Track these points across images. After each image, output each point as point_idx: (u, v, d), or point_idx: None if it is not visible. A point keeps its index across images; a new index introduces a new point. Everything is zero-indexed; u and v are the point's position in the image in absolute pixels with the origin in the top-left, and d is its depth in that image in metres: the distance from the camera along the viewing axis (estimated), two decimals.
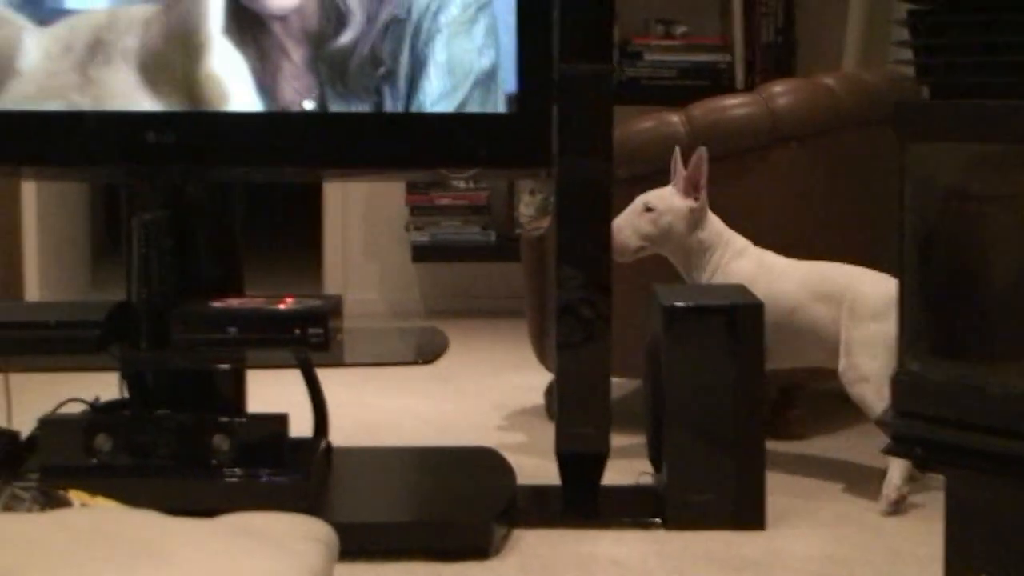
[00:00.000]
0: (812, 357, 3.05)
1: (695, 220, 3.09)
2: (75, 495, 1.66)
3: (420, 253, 5.06)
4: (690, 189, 3.08)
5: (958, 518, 2.04)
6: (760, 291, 2.91)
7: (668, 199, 3.09)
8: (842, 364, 2.96)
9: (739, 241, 3.12)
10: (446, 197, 5.04)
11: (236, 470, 2.64)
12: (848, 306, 2.97)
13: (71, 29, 2.64)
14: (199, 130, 2.65)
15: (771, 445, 2.84)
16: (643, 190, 3.14)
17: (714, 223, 3.11)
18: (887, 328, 2.80)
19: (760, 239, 3.18)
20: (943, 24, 1.98)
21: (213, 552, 1.39)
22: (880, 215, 3.54)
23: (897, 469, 2.86)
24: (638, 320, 2.99)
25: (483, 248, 5.00)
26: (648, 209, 3.08)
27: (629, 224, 3.08)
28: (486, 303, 4.87)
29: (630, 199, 3.13)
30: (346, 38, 2.63)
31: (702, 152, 3.03)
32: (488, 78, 2.65)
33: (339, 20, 2.62)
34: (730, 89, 4.74)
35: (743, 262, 3.10)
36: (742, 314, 2.78)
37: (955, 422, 1.97)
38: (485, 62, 2.64)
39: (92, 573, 1.31)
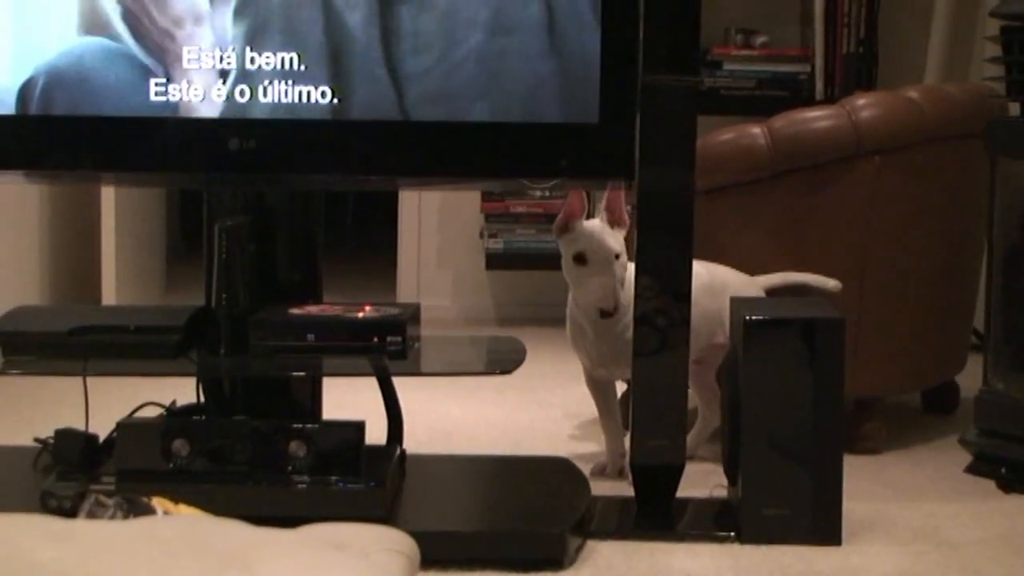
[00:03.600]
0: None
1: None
2: (158, 502, 1.67)
3: (494, 260, 5.06)
4: (615, 217, 3.03)
5: None
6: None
7: (614, 236, 3.01)
8: None
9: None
10: (521, 205, 5.03)
11: (312, 477, 2.64)
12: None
13: None
14: (281, 137, 2.66)
15: (847, 459, 2.81)
16: (721, 202, 3.13)
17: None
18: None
19: (843, 253, 3.16)
20: None
21: (300, 564, 1.40)
22: (963, 231, 3.53)
23: None
24: None
25: (557, 257, 4.96)
26: (616, 256, 3.00)
27: (613, 278, 3.02)
28: (559, 311, 4.82)
29: (709, 211, 3.12)
30: (431, 56, 2.63)
31: (616, 187, 2.96)
32: (570, 88, 2.64)
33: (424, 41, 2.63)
34: (810, 101, 4.71)
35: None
36: (821, 327, 2.76)
37: None
38: (567, 74, 2.64)
39: None
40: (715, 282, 3.14)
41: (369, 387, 2.91)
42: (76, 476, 2.69)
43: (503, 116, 2.65)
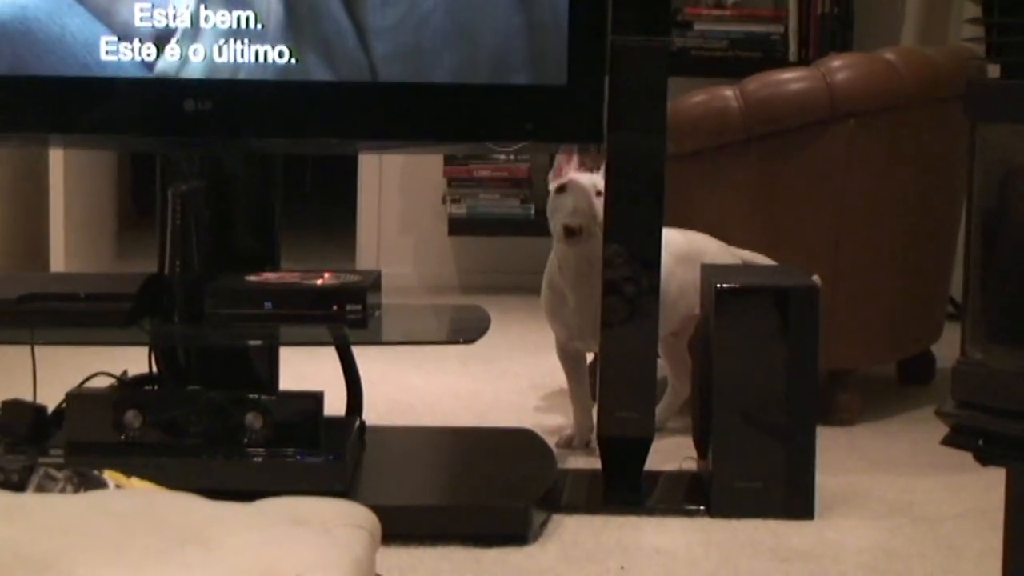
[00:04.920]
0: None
1: None
2: (110, 476, 1.67)
3: (457, 226, 5.05)
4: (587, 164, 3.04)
5: (1021, 512, 2.03)
6: None
7: (599, 177, 2.98)
8: None
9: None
10: (485, 169, 5.02)
11: (269, 450, 2.64)
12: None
13: None
14: (238, 99, 2.65)
15: (821, 431, 2.83)
16: (693, 167, 3.12)
17: None
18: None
19: (817, 219, 3.16)
20: (1019, 2, 1.96)
21: (259, 539, 1.39)
22: (940, 197, 3.54)
23: None
24: None
25: (522, 222, 4.99)
26: (599, 193, 2.97)
27: (588, 201, 3.00)
28: (524, 279, 4.83)
29: (680, 176, 3.12)
30: (399, 9, 2.63)
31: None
32: (538, 49, 2.64)
33: None
34: (783, 62, 4.72)
35: None
36: (795, 296, 2.77)
37: (1019, 413, 1.96)
38: (535, 32, 2.64)
39: (137, 559, 1.31)
40: (692, 251, 3.14)
41: (328, 357, 2.91)
42: (24, 449, 2.67)
43: (470, 75, 2.65)
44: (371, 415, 2.98)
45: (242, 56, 2.64)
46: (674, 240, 3.06)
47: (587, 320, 3.04)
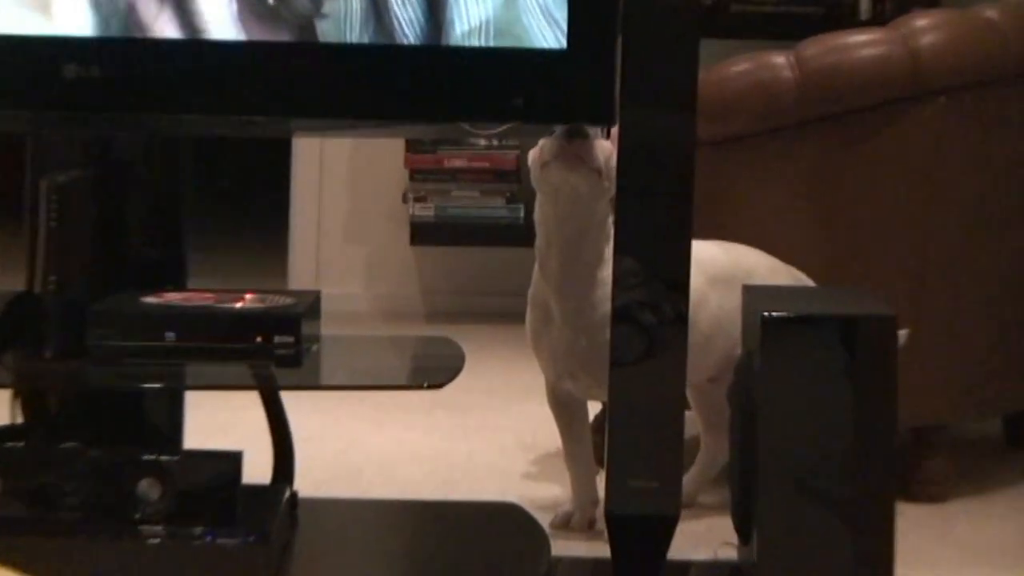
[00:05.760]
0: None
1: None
2: None
3: (422, 234, 5.07)
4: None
5: None
6: None
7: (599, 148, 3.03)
8: None
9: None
10: (460, 158, 5.04)
11: (170, 527, 2.63)
12: None
13: None
14: (134, 63, 2.65)
15: (901, 508, 2.83)
16: (732, 157, 3.13)
17: None
18: None
19: (895, 228, 3.17)
20: None
21: None
22: None
23: None
24: None
25: (508, 228, 5.00)
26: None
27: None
28: (509, 303, 4.83)
29: (715, 169, 3.12)
30: None
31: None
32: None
33: None
34: (851, 22, 4.73)
35: None
36: (866, 328, 2.77)
37: None
38: None
39: None
40: (733, 269, 3.14)
41: (250, 405, 2.91)
42: None
43: (438, 38, 2.65)
44: (306, 482, 2.98)
45: (139, 7, 2.64)
46: (709, 255, 3.06)
47: (578, 346, 3.03)
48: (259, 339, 2.63)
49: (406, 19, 2.63)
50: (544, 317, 3.10)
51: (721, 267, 3.11)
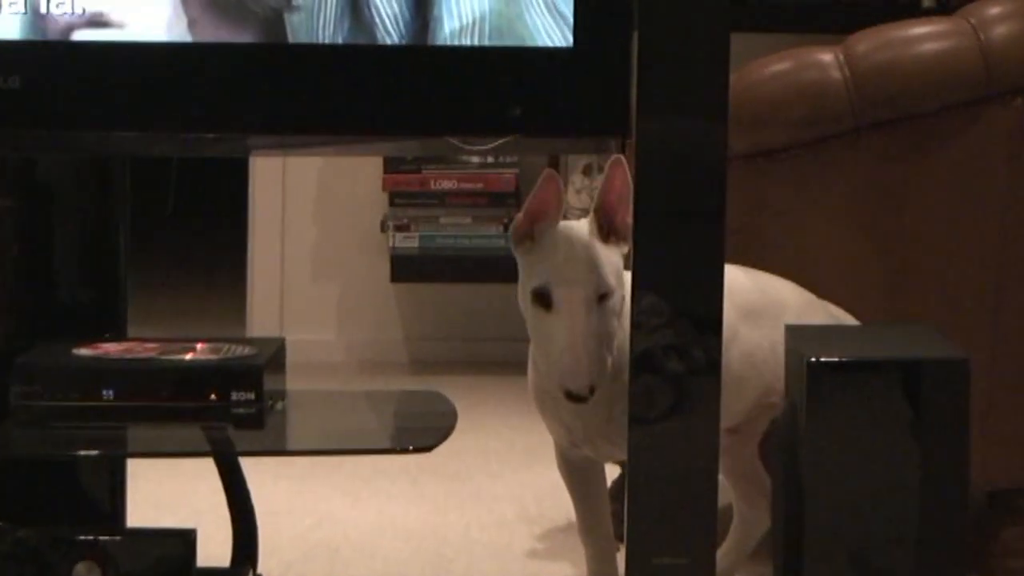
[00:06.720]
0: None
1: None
2: None
3: (404, 268, 5.07)
4: (608, 226, 3.01)
5: None
6: None
7: (606, 257, 2.99)
8: None
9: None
10: (449, 179, 5.05)
11: None
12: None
13: None
14: (65, 72, 2.64)
15: None
16: (772, 172, 3.12)
17: None
18: None
19: (965, 252, 3.17)
20: None
21: None
22: None
23: None
24: None
25: (505, 261, 4.99)
26: (603, 296, 2.97)
27: (591, 335, 2.98)
28: (508, 349, 4.85)
29: (751, 187, 3.11)
30: None
31: (619, 161, 2.94)
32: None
33: None
34: (911, 11, 4.74)
35: None
36: (933, 374, 2.76)
37: None
38: None
39: None
40: (769, 303, 3.13)
41: (204, 475, 2.89)
42: None
43: (423, 39, 2.65)
44: (272, 564, 2.98)
45: (75, 9, 2.63)
46: (738, 284, 3.05)
47: (596, 414, 3.01)
48: (213, 396, 2.64)
49: (389, 15, 2.63)
50: (550, 393, 3.06)
51: (751, 298, 3.10)
